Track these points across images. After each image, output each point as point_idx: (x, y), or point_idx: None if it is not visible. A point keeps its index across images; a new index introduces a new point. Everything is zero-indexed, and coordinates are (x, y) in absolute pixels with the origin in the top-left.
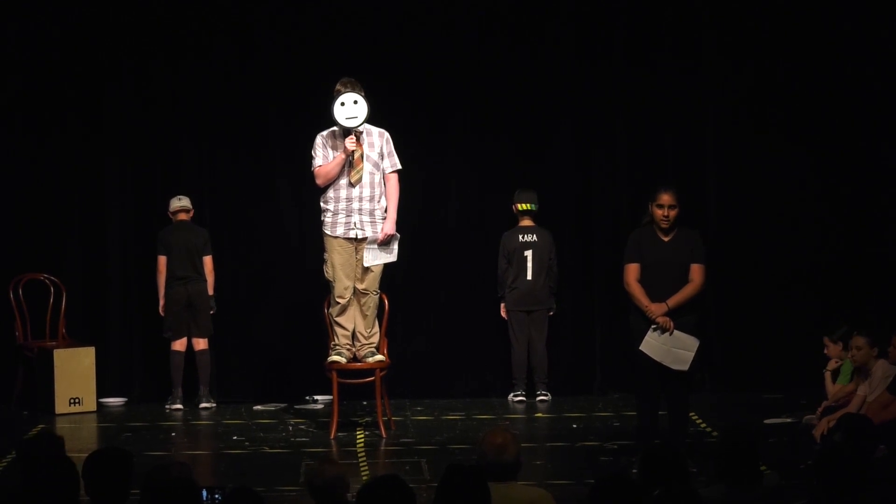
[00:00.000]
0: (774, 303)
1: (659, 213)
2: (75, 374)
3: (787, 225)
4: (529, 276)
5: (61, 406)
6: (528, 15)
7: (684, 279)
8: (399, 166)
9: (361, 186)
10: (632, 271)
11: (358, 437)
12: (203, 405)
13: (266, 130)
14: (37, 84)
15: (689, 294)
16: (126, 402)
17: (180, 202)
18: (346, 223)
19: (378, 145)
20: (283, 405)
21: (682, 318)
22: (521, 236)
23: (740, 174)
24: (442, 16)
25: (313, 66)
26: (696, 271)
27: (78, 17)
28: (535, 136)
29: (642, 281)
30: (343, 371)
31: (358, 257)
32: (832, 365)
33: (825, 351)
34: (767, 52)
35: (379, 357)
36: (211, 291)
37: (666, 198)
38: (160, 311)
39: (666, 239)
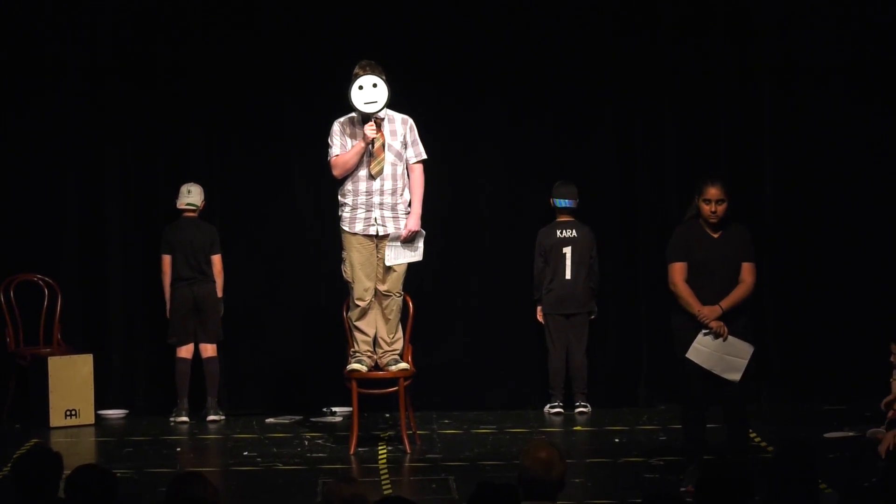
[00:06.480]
0: (838, 305)
1: (706, 208)
2: (72, 383)
3: (854, 220)
4: (568, 276)
5: (56, 419)
6: None
7: (735, 280)
8: (424, 156)
9: (383, 178)
10: (678, 271)
11: (380, 452)
12: (211, 417)
13: (280, 117)
14: (27, 62)
15: (742, 295)
16: (127, 414)
17: (189, 196)
18: (365, 219)
19: (401, 133)
20: (298, 418)
21: (733, 322)
22: (558, 232)
23: (801, 162)
24: None
25: (330, 46)
26: (748, 270)
27: None
28: (574, 123)
29: (689, 281)
30: (364, 380)
31: (379, 256)
32: None
33: (891, 359)
34: (828, 22)
35: (403, 365)
36: (220, 293)
37: (713, 191)
38: (167, 314)
39: (715, 235)
